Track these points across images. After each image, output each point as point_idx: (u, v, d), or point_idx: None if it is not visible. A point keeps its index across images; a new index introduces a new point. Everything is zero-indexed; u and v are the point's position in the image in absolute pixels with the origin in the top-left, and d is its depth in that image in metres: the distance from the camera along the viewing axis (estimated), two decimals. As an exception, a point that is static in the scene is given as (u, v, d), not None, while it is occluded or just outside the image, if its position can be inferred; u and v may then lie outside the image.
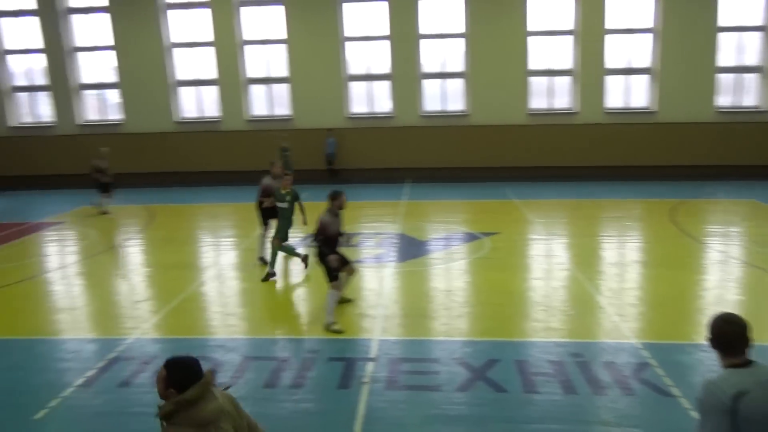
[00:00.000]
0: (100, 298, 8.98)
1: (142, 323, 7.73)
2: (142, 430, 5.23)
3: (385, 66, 20.01)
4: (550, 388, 5.72)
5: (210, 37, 20.02)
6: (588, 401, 5.49)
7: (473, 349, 6.68)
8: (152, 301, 8.73)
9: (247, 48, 20.28)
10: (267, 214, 10.09)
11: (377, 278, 9.48)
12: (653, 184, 17.83)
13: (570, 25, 19.36)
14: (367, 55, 20.17)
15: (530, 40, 19.38)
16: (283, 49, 20.04)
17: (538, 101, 19.97)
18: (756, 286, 8.79)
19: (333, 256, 7.37)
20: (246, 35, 20.15)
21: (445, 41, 19.84)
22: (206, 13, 19.91)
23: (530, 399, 5.55)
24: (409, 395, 5.70)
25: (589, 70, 19.25)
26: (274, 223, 9.78)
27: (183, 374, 2.68)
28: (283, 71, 20.24)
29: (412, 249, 11.12)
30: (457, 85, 20.13)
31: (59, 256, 11.61)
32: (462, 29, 19.55)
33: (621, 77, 19.67)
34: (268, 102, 20.78)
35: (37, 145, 20.70)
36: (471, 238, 11.88)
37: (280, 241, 9.40)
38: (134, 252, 11.85)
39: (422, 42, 19.69)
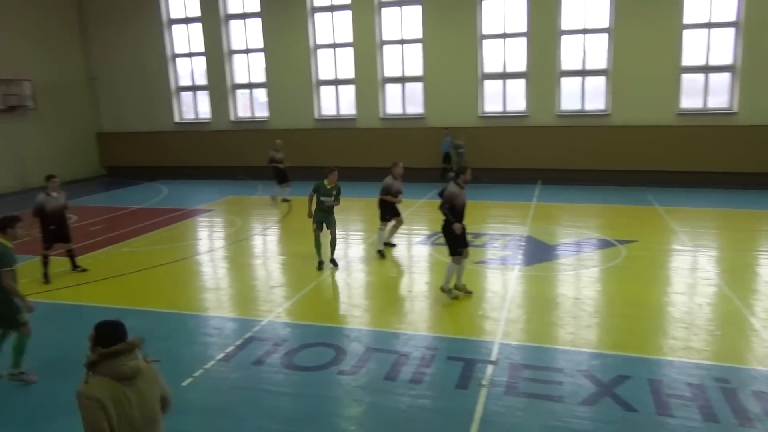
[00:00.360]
0: (240, 281, 9.79)
1: (276, 307, 8.30)
2: (272, 406, 5.65)
3: (520, 64, 19.50)
4: (687, 413, 5.26)
5: (350, 38, 20.85)
6: (731, 432, 4.97)
7: (601, 362, 6.33)
8: (286, 288, 9.34)
9: (384, 48, 20.83)
10: (386, 210, 10.94)
11: (502, 280, 9.31)
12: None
13: (732, 16, 17.47)
14: (503, 53, 19.78)
15: (685, 33, 17.80)
16: (419, 48, 20.31)
17: (691, 100, 18.28)
18: None
19: (459, 225, 7.99)
20: (384, 35, 20.70)
21: (587, 37, 18.86)
22: (347, 15, 20.75)
23: (663, 422, 5.15)
24: (529, 403, 5.55)
25: (754, 65, 17.23)
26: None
27: (108, 334, 3.10)
28: (418, 70, 20.52)
29: (539, 253, 10.76)
30: (598, 83, 19.06)
31: (208, 241, 12.81)
32: (606, 24, 18.46)
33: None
34: (402, 100, 21.19)
35: (196, 139, 22.98)
36: (605, 244, 11.22)
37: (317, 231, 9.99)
38: (272, 241, 12.74)
39: (562, 38, 18.89)
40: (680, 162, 17.92)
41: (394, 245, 11.39)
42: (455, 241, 8.11)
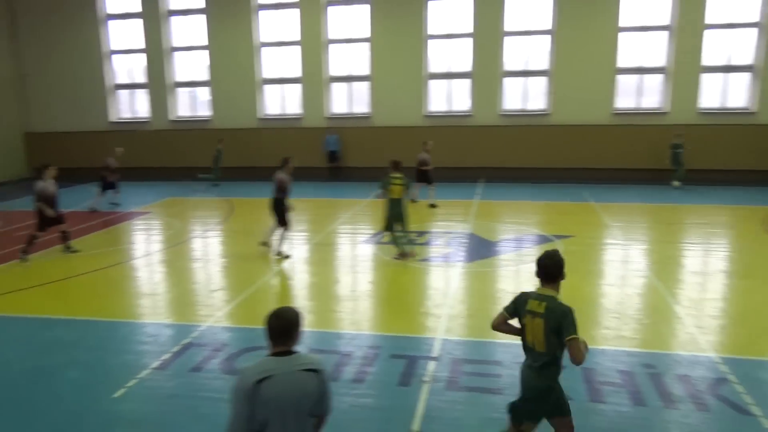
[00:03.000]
0: (178, 285, 9.53)
1: (216, 311, 8.12)
2: (211, 413, 5.50)
3: (466, 64, 19.77)
4: (617, 399, 5.48)
5: (296, 36, 20.62)
6: (657, 415, 5.21)
7: (538, 354, 6.50)
8: (226, 291, 9.16)
9: (331, 47, 20.70)
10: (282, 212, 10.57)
11: (444, 278, 9.44)
12: (749, 190, 16.57)
13: (665, 20, 18.33)
14: (448, 53, 20.01)
15: (621, 36, 18.55)
16: (366, 47, 20.31)
17: (625, 100, 19.06)
18: None
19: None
20: (331, 34, 20.56)
21: (530, 38, 19.32)
22: (295, 13, 20.51)
23: (596, 408, 5.35)
24: (470, 396, 5.64)
25: (683, 67, 18.14)
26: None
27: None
28: (365, 70, 20.46)
29: (481, 249, 10.97)
30: (539, 84, 19.60)
31: (145, 244, 12.41)
32: (549, 26, 18.97)
33: (718, 75, 18.40)
34: (349, 100, 21.16)
35: (133, 139, 22.19)
36: (543, 240, 11.56)
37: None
38: (213, 243, 12.46)
39: (506, 39, 19.31)
40: (615, 159, 18.66)
41: (288, 257, 10.59)
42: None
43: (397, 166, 10.17)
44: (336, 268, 10.32)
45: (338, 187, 19.08)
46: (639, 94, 19.05)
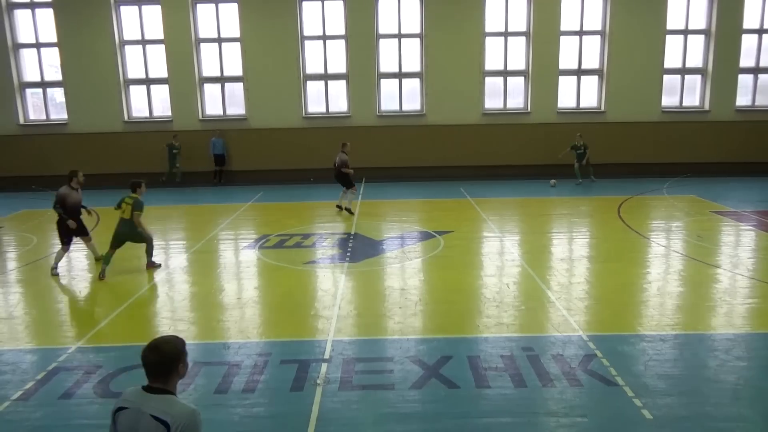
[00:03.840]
0: (40, 306, 8.61)
1: (86, 331, 7.45)
2: (84, 441, 5.04)
3: (341, 66, 19.94)
4: (501, 383, 5.79)
5: (161, 34, 19.52)
6: (537, 394, 5.58)
7: (427, 347, 6.70)
8: (97, 308, 8.44)
9: (202, 46, 19.86)
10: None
11: (332, 279, 9.43)
12: (606, 182, 18.35)
13: (522, 26, 19.75)
14: (324, 54, 20.02)
15: (487, 41, 19.69)
16: (237, 47, 19.73)
17: (493, 101, 20.27)
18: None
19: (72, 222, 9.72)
20: (201, 33, 19.74)
21: (403, 41, 19.91)
22: (157, 10, 19.40)
23: (482, 393, 5.61)
24: (363, 395, 5.67)
25: (542, 70, 19.67)
26: None
27: None
28: (238, 70, 19.92)
29: (366, 248, 11.11)
30: (413, 85, 20.24)
31: (-2, 263, 11.10)
32: (417, 30, 19.68)
33: (572, 78, 20.18)
34: (223, 101, 20.42)
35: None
36: (426, 236, 11.95)
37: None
38: (78, 257, 11.42)
39: (381, 42, 19.72)
40: (487, 157, 19.80)
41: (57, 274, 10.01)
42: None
43: (134, 186, 9.75)
44: (219, 275, 9.92)
45: (221, 192, 18.36)
46: (506, 95, 20.36)
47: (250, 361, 6.44)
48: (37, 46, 19.84)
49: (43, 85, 20.23)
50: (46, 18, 19.49)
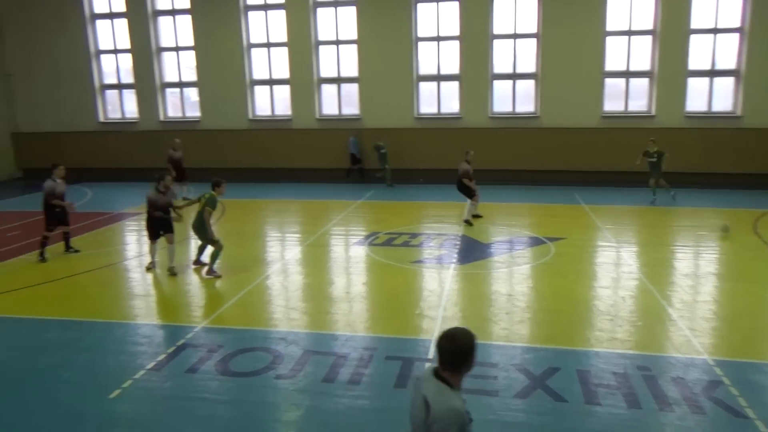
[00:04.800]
0: (172, 287, 9.45)
1: (210, 312, 8.07)
2: (207, 414, 5.48)
3: (454, 66, 19.88)
4: (612, 401, 5.53)
5: (284, 37, 20.59)
6: (653, 417, 5.26)
7: (533, 356, 6.54)
8: (220, 292, 9.10)
9: (320, 48, 20.70)
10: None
11: (438, 279, 9.46)
12: (739, 193, 16.80)
13: (649, 24, 18.55)
14: (437, 55, 20.07)
15: (608, 40, 18.74)
16: (353, 49, 20.33)
17: (613, 104, 19.24)
18: None
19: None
20: (320, 36, 20.57)
21: (518, 41, 19.46)
22: (282, 14, 20.48)
23: (591, 410, 5.39)
24: (466, 398, 5.64)
25: (669, 71, 18.37)
26: None
27: None
28: (353, 71, 20.51)
29: (474, 251, 11.01)
30: (527, 87, 19.73)
31: (137, 245, 12.28)
32: (534, 30, 19.15)
33: (704, 79, 18.63)
34: (339, 101, 21.14)
35: (122, 139, 22.01)
36: (536, 242, 11.62)
37: None
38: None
39: (495, 42, 19.43)
40: (604, 162, 18.82)
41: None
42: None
43: (214, 185, 9.94)
44: (329, 269, 10.29)
45: (332, 189, 19.02)
46: (627, 97, 19.23)
47: (356, 354, 6.64)
48: (177, 49, 21.71)
49: (181, 85, 22.11)
50: (185, 23, 21.27)
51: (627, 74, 19.08)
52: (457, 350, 2.85)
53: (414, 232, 12.56)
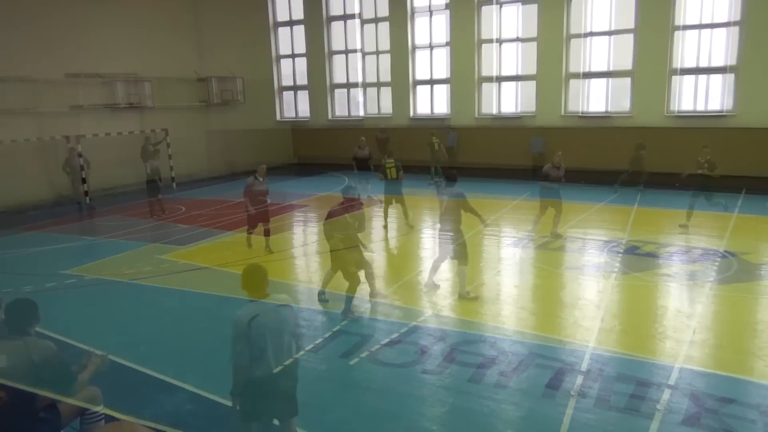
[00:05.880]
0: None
1: (363, 303, 8.24)
2: (355, 399, 5.71)
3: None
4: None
5: (446, 38, 20.69)
6: None
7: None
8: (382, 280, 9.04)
9: (483, 47, 20.40)
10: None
11: (688, 299, 8.43)
12: None
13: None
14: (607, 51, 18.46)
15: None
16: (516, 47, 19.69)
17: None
18: None
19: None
20: (483, 35, 20.22)
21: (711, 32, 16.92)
22: (446, 16, 20.58)
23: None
24: (619, 418, 5.21)
25: None
26: None
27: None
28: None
29: (738, 272, 9.23)
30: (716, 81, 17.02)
31: (301, 236, 13.08)
32: (735, 18, 16.29)
33: None
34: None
35: (295, 136, 23.84)
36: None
37: None
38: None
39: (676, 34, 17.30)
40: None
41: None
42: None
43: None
44: (563, 273, 9.63)
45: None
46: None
47: (505, 356, 6.43)
48: (346, 52, 22.94)
49: (348, 86, 23.35)
50: (351, 29, 22.41)
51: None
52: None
53: (662, 243, 10.99)
